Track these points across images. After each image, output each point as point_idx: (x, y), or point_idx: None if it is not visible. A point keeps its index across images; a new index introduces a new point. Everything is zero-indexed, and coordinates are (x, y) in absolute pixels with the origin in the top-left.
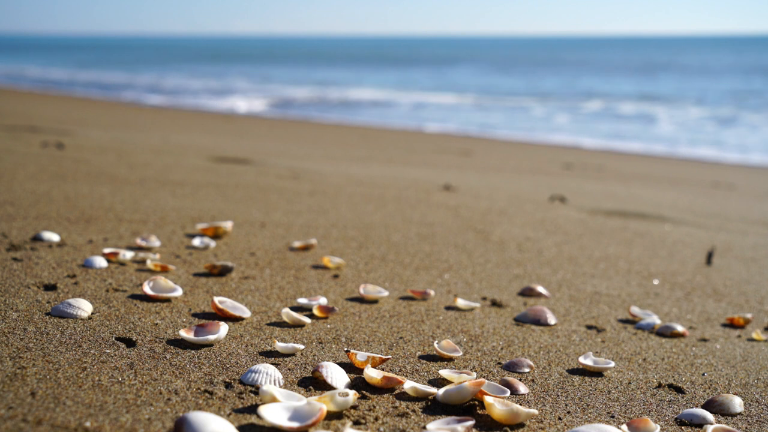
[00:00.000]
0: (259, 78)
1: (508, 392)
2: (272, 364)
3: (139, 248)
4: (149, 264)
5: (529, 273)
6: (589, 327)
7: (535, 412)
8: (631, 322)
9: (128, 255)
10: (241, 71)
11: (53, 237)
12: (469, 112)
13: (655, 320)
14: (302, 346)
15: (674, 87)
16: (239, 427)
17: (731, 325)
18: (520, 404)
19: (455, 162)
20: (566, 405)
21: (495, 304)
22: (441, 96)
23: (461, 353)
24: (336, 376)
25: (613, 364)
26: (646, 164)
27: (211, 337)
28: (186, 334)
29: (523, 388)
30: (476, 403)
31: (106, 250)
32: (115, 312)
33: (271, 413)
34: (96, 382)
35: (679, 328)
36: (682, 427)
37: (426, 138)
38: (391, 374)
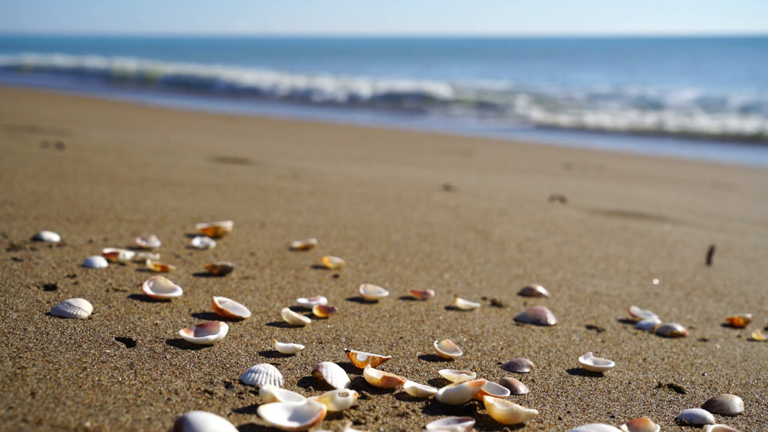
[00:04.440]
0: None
1: (508, 392)
2: (272, 364)
3: (139, 248)
4: (149, 264)
5: (529, 273)
6: (589, 327)
7: (535, 412)
8: (631, 322)
9: (128, 255)
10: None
11: (53, 237)
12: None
13: (655, 320)
14: (302, 346)
15: (675, 86)
16: (239, 427)
17: (731, 325)
18: (520, 404)
19: (455, 162)
20: (566, 405)
21: (495, 304)
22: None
23: (461, 353)
24: (336, 376)
25: (613, 364)
26: (646, 164)
27: (211, 337)
28: (186, 334)
29: (523, 388)
30: (476, 403)
31: (106, 250)
32: (115, 312)
33: (271, 413)
34: (96, 382)
35: (679, 328)
36: (682, 427)
37: (426, 138)
38: (391, 374)
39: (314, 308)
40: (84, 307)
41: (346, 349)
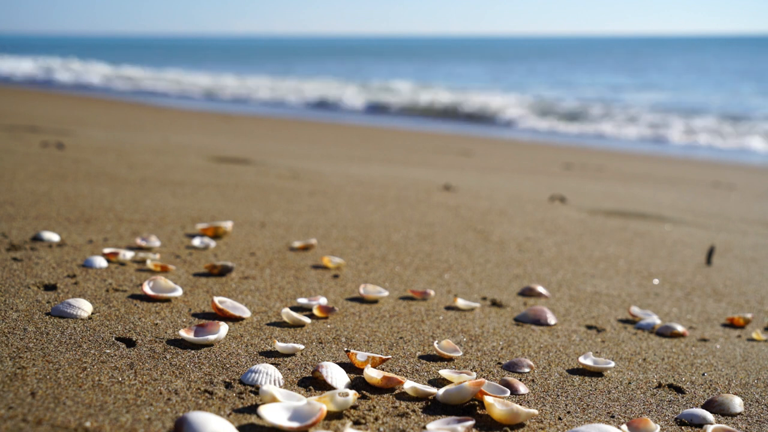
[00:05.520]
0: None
1: (508, 392)
2: (272, 364)
3: (139, 248)
4: (149, 264)
5: (529, 273)
6: (589, 327)
7: (535, 412)
8: (631, 322)
9: (128, 255)
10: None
11: (53, 237)
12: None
13: (655, 320)
14: (302, 346)
15: (674, 86)
16: (239, 427)
17: (731, 325)
18: (520, 404)
19: (455, 162)
20: (566, 405)
21: (495, 304)
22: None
23: (461, 353)
24: (336, 376)
25: (613, 364)
26: (646, 164)
27: (211, 337)
28: (186, 334)
29: (523, 388)
30: (476, 403)
31: (106, 250)
32: (115, 312)
33: (271, 413)
34: (96, 382)
35: (679, 328)
36: (682, 427)
37: (426, 138)
38: (391, 374)
39: (314, 308)
40: (84, 307)
41: (346, 349)
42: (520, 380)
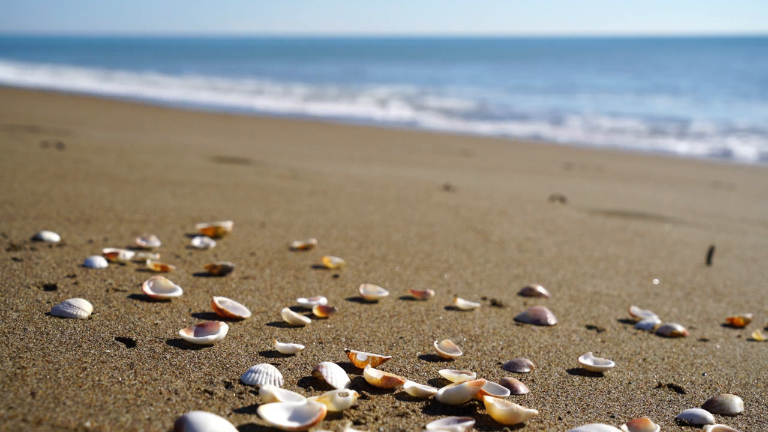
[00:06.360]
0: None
1: (508, 392)
2: (272, 364)
3: (139, 248)
4: (149, 264)
5: (529, 273)
6: (589, 327)
7: (535, 412)
8: (631, 322)
9: (128, 255)
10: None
11: (53, 237)
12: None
13: (655, 320)
14: (302, 346)
15: (674, 86)
16: (239, 427)
17: (731, 325)
18: (520, 404)
19: (455, 162)
20: (566, 405)
21: (495, 304)
22: None
23: (461, 353)
24: (336, 376)
25: (613, 364)
26: (646, 164)
27: (211, 337)
28: (186, 334)
29: (523, 388)
30: (476, 403)
31: (106, 250)
32: (115, 312)
33: (271, 413)
34: (96, 382)
35: (679, 328)
36: (682, 427)
37: (426, 138)
38: (391, 374)
39: (314, 308)
40: (84, 307)
41: (346, 349)
42: (520, 380)
